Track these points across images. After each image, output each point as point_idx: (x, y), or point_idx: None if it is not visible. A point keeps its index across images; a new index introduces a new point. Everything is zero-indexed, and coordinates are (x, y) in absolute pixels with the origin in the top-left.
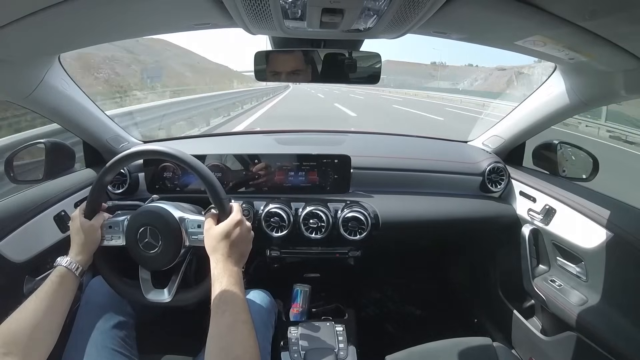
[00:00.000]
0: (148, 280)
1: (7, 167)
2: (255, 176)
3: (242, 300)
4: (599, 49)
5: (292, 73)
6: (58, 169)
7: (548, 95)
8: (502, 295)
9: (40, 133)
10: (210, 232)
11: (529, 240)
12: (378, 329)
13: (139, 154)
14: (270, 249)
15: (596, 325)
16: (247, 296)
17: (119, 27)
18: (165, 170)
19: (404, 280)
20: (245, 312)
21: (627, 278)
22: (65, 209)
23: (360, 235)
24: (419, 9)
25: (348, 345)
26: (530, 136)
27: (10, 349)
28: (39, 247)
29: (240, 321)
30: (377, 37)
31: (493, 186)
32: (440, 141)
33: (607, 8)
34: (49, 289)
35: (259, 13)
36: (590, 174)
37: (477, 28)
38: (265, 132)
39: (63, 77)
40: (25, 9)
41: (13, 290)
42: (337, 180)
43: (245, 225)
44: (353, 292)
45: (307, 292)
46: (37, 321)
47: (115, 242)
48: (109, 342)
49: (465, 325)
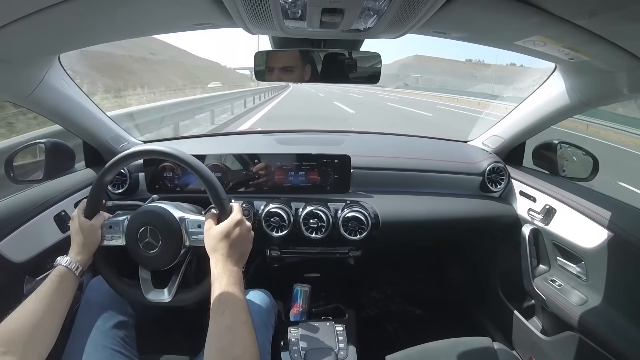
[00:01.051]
0: (148, 280)
1: (7, 167)
2: (256, 176)
3: (242, 300)
4: (599, 49)
5: (292, 73)
6: (58, 169)
7: (548, 95)
8: (502, 295)
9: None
10: (210, 232)
11: (529, 240)
12: (378, 329)
13: (139, 154)
14: (270, 248)
15: (596, 325)
16: (247, 296)
17: (119, 27)
18: (165, 170)
19: (404, 280)
20: (245, 312)
21: (627, 278)
22: (65, 209)
23: (361, 235)
24: (419, 8)
25: (348, 345)
26: (530, 136)
27: (9, 348)
28: (39, 247)
29: (240, 321)
30: (377, 37)
31: (493, 186)
32: (440, 141)
33: (607, 7)
34: (48, 288)
35: (259, 13)
36: (590, 174)
37: (477, 28)
38: (266, 132)
39: (63, 77)
40: (25, 9)
41: (13, 290)
42: (337, 180)
43: (245, 225)
44: (353, 292)
45: (307, 292)
46: (36, 321)
47: (115, 242)
48: (109, 341)
49: (465, 325)
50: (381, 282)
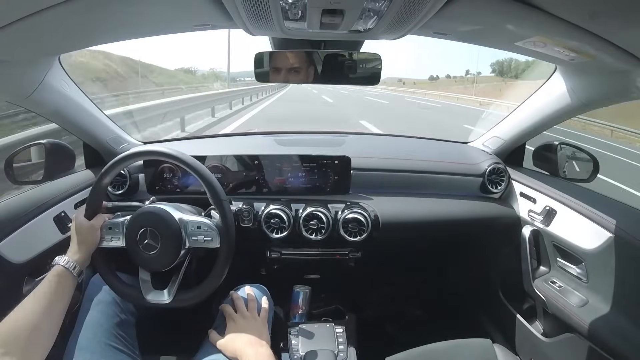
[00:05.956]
0: (148, 281)
1: (7, 167)
2: (256, 177)
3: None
4: (599, 50)
5: (292, 74)
6: (58, 169)
7: (548, 96)
8: (502, 296)
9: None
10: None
11: (529, 242)
12: (378, 330)
13: (139, 155)
14: (270, 250)
15: (597, 326)
16: (243, 291)
17: (119, 28)
18: (165, 172)
19: (404, 281)
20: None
21: (627, 279)
22: (65, 210)
23: (361, 236)
24: (419, 9)
25: (348, 347)
26: (531, 137)
27: (8, 349)
28: (39, 248)
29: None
30: (377, 38)
31: (493, 187)
32: (440, 142)
33: (607, 9)
34: (46, 288)
35: (259, 14)
36: (590, 175)
37: (477, 29)
38: (265, 133)
39: (63, 77)
40: (26, 10)
41: (13, 291)
42: (337, 182)
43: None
44: (353, 293)
45: (307, 293)
46: (35, 321)
47: (115, 244)
48: (112, 339)
49: (466, 326)
50: (381, 283)
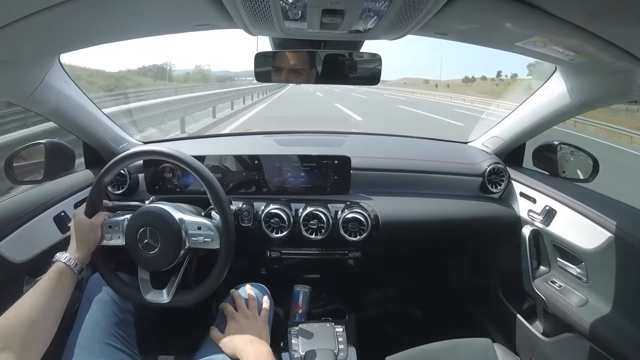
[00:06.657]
0: (147, 280)
1: (7, 167)
2: (256, 177)
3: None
4: (599, 50)
5: (292, 74)
6: (58, 169)
7: (548, 96)
8: (502, 296)
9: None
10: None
11: (529, 241)
12: (378, 330)
13: (139, 155)
14: (270, 250)
15: (597, 326)
16: (243, 289)
17: (119, 28)
18: (165, 171)
19: (404, 281)
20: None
21: (627, 279)
22: (65, 210)
23: (360, 236)
24: (419, 10)
25: (348, 346)
26: (531, 137)
27: (7, 344)
28: (39, 247)
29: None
30: (377, 38)
31: (493, 187)
32: (440, 142)
33: (607, 9)
34: (46, 284)
35: (259, 14)
36: (590, 175)
37: (477, 29)
38: (265, 133)
39: (63, 77)
40: (26, 10)
41: (13, 291)
42: (337, 181)
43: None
44: (353, 293)
45: (307, 293)
46: (34, 317)
47: (115, 242)
48: (111, 339)
49: (466, 326)
50: (381, 283)
